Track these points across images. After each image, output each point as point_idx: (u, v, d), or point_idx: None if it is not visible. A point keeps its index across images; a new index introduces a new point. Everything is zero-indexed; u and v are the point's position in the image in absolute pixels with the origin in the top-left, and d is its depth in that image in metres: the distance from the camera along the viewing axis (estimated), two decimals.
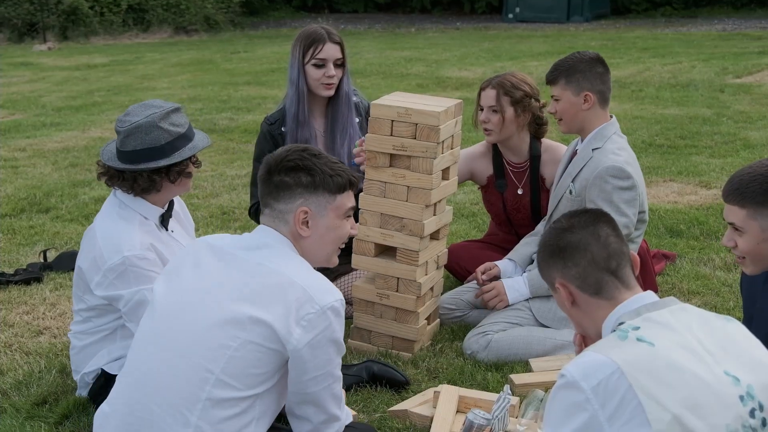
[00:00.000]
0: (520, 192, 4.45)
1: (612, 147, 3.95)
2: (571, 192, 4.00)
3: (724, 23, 17.72)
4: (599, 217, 2.38)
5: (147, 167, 3.23)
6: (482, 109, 4.30)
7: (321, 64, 4.27)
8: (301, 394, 2.69)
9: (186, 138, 3.29)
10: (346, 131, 4.35)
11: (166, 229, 3.43)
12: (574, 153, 4.08)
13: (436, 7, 21.64)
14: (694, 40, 15.00)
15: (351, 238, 4.03)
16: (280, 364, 2.64)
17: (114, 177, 3.31)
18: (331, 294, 2.64)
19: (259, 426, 2.66)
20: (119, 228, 3.27)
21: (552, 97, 4.02)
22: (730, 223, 2.81)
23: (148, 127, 3.22)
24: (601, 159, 3.92)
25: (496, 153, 4.46)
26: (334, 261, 2.86)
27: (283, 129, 4.34)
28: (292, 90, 4.32)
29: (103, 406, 2.76)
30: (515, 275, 4.20)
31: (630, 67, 12.00)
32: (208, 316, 2.61)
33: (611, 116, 4.04)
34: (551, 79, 3.99)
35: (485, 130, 4.31)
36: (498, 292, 4.09)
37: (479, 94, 4.32)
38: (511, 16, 19.53)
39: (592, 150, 3.97)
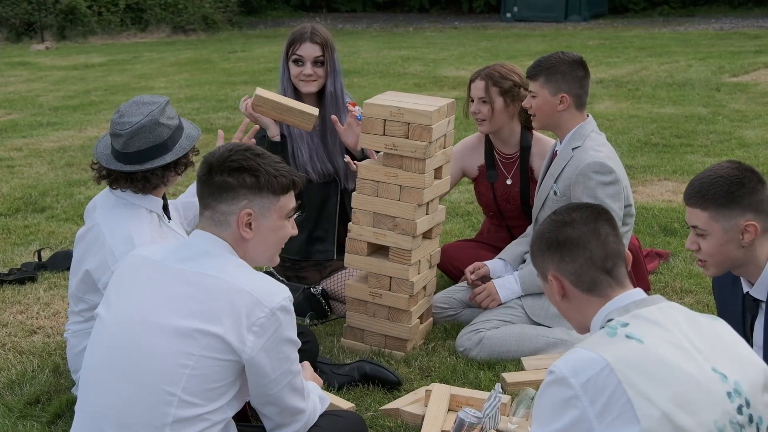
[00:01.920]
0: (508, 182, 4.47)
1: (591, 144, 3.98)
2: (555, 193, 4.02)
3: (721, 22, 17.72)
4: (600, 214, 2.39)
5: (155, 165, 3.21)
6: (473, 101, 4.34)
7: (300, 62, 4.38)
8: (262, 396, 2.64)
9: (180, 129, 3.30)
10: (336, 131, 4.36)
11: (169, 218, 3.43)
12: (555, 154, 4.09)
13: (434, 6, 21.62)
14: (691, 39, 15.00)
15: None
16: (239, 372, 2.58)
17: (120, 179, 3.27)
18: (277, 294, 2.57)
19: (228, 428, 2.64)
20: (129, 225, 3.25)
21: (529, 92, 4.04)
22: (693, 227, 2.83)
23: (152, 126, 3.20)
24: (582, 157, 3.94)
25: (488, 143, 4.50)
26: (276, 260, 2.78)
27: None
28: (280, 85, 4.47)
29: None
30: (505, 274, 4.21)
31: (627, 66, 12.00)
32: (157, 337, 2.52)
33: (588, 115, 4.06)
34: (531, 75, 4.01)
35: (477, 120, 4.35)
36: (489, 292, 4.11)
37: (469, 86, 4.37)
38: (509, 15, 19.52)
39: (572, 149, 3.99)
